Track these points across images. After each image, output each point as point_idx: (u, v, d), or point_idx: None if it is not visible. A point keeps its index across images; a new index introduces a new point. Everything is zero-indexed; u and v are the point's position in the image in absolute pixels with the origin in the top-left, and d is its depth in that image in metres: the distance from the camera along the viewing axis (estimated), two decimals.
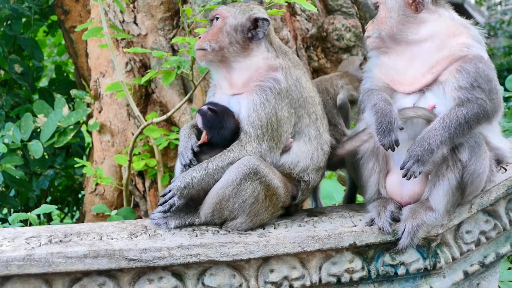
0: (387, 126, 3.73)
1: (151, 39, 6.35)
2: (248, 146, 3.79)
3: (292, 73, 3.93)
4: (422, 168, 3.73)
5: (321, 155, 4.00)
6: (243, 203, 3.73)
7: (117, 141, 6.68)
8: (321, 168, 4.04)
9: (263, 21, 3.92)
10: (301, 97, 3.92)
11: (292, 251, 3.72)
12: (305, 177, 3.96)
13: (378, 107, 3.80)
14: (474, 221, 4.06)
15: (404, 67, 3.93)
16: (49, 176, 8.05)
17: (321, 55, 6.67)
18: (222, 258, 3.62)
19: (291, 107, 3.88)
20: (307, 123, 3.96)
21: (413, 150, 3.74)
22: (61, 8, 7.80)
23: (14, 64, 7.84)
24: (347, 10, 6.71)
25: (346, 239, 3.80)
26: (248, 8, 4.00)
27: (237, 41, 3.92)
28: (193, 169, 3.80)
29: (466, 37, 3.89)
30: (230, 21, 3.94)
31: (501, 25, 20.84)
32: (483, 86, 3.77)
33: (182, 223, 3.79)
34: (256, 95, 3.83)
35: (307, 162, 3.94)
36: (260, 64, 3.93)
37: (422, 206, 3.86)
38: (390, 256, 3.89)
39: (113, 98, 6.61)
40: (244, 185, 3.70)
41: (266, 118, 3.79)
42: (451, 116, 3.76)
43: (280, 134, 3.84)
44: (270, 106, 3.80)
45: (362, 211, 4.07)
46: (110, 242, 3.55)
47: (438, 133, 3.73)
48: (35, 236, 3.59)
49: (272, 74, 3.87)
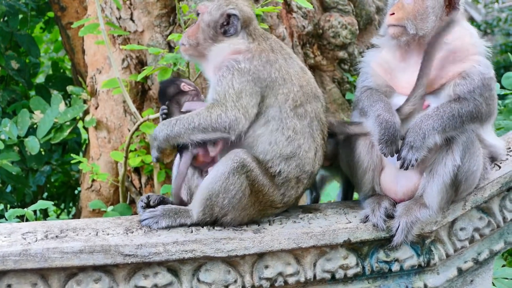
0: (390, 137, 3.74)
1: (147, 36, 6.36)
2: (213, 111, 3.80)
3: (263, 55, 3.92)
4: (417, 154, 3.73)
5: (283, 140, 3.84)
6: (232, 199, 3.73)
7: (113, 137, 6.70)
8: (290, 157, 3.86)
9: (234, 17, 3.97)
10: (269, 77, 3.87)
11: (287, 247, 3.74)
12: (273, 167, 3.85)
13: (382, 119, 3.79)
14: (468, 218, 4.08)
15: (413, 70, 3.88)
16: (46, 172, 8.05)
17: (317, 52, 6.69)
18: (217, 254, 3.63)
19: (255, 85, 3.84)
20: (270, 103, 3.87)
21: (406, 138, 3.77)
22: (57, 5, 7.81)
23: (11, 60, 7.85)
24: (343, 8, 6.74)
25: (341, 235, 3.81)
26: (224, 3, 4.04)
27: (210, 36, 4.00)
28: (162, 123, 3.92)
29: (479, 54, 3.91)
30: (205, 17, 4.03)
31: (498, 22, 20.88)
32: (482, 92, 3.81)
33: (172, 222, 3.78)
34: (215, 75, 3.91)
35: (266, 147, 3.84)
36: (226, 50, 3.96)
37: (416, 203, 3.87)
38: (384, 253, 3.91)
39: (110, 95, 6.62)
40: (232, 179, 3.71)
41: (223, 91, 3.81)
42: (445, 107, 3.79)
43: (244, 106, 3.80)
44: (227, 80, 3.82)
45: (357, 207, 4.08)
46: (106, 238, 3.56)
47: (431, 119, 3.75)
48: (31, 231, 3.60)
49: (234, 56, 3.91)
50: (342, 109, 6.68)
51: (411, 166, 3.76)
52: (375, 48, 4.17)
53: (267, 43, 4.01)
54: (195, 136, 3.83)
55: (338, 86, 6.77)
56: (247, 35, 4.00)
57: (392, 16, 3.90)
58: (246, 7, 4.08)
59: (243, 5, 4.08)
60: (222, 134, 3.82)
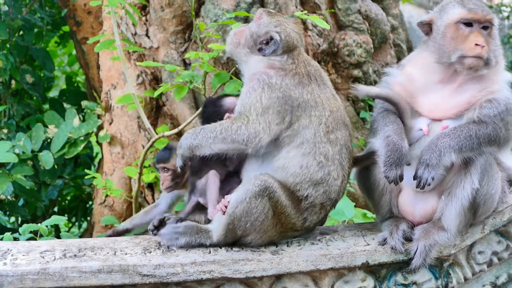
0: (395, 161, 3.71)
1: (162, 52, 6.38)
2: (235, 122, 3.82)
3: (297, 77, 3.92)
4: (433, 173, 3.72)
5: (314, 165, 3.82)
6: (255, 221, 3.75)
7: (127, 153, 6.70)
8: (319, 183, 3.84)
9: (274, 43, 3.97)
10: (301, 97, 3.86)
11: (305, 269, 3.74)
12: (301, 191, 3.84)
13: (390, 140, 3.77)
14: (486, 241, 4.06)
15: (448, 95, 3.90)
16: (58, 186, 8.05)
17: (332, 71, 6.69)
18: (235, 275, 3.63)
19: (285, 103, 3.83)
20: (305, 124, 3.84)
21: (422, 156, 3.76)
22: (73, 19, 7.85)
23: (26, 74, 7.86)
24: (358, 26, 6.73)
25: (359, 258, 3.80)
26: (275, 23, 4.03)
27: (247, 45, 4.06)
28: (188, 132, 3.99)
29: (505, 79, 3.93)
30: (253, 27, 4.07)
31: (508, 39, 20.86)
32: (504, 117, 3.81)
33: (192, 241, 3.80)
34: (246, 85, 3.94)
35: (297, 170, 3.82)
36: (260, 64, 4.00)
37: (434, 226, 3.86)
38: (402, 276, 3.89)
39: (124, 110, 6.64)
40: (254, 203, 3.72)
41: (250, 104, 3.82)
42: (462, 127, 3.79)
43: (268, 122, 3.80)
44: (256, 93, 3.83)
45: (375, 229, 4.08)
46: (124, 257, 3.57)
47: (448, 137, 3.75)
48: (49, 250, 3.61)
49: (266, 70, 3.94)
50: (356, 128, 6.67)
51: (427, 185, 3.75)
52: (395, 67, 4.16)
53: (306, 69, 3.99)
54: (215, 146, 3.84)
55: (352, 104, 6.75)
56: (287, 57, 3.99)
57: (483, 49, 3.77)
58: (293, 33, 4.06)
59: (291, 30, 4.05)
60: (239, 146, 3.82)
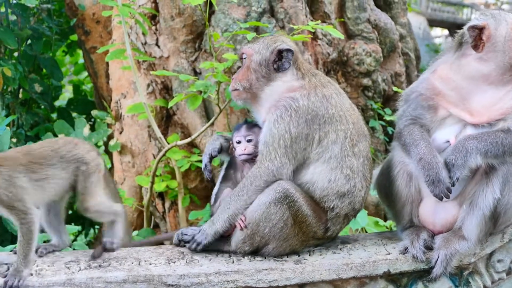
0: (435, 178, 3.72)
1: (173, 62, 6.40)
2: (261, 165, 3.84)
3: (318, 91, 3.93)
4: (458, 173, 3.73)
5: (342, 178, 3.87)
6: (273, 228, 3.76)
7: (137, 162, 6.71)
8: (345, 195, 3.90)
9: (287, 52, 4.00)
10: (327, 113, 3.89)
11: (328, 278, 3.76)
12: (327, 203, 3.88)
13: (424, 162, 3.78)
14: (506, 250, 4.10)
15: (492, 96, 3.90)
16: None
17: (342, 79, 6.72)
18: (259, 285, 3.65)
19: (313, 123, 3.85)
20: (333, 139, 3.88)
21: (447, 157, 3.78)
22: (82, 29, 7.86)
23: (34, 83, 7.87)
24: (367, 35, 6.78)
25: (381, 266, 3.83)
26: (271, 41, 4.08)
27: (262, 75, 4.01)
28: (219, 211, 3.89)
29: None
30: (254, 58, 4.04)
31: None
32: None
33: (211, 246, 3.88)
34: (271, 115, 3.90)
35: (325, 184, 3.86)
36: (281, 88, 3.98)
37: (455, 235, 3.89)
38: (423, 284, 3.92)
39: (134, 119, 6.65)
40: (273, 209, 3.75)
41: (279, 135, 3.82)
42: (490, 133, 3.80)
43: (295, 151, 3.83)
44: (284, 123, 3.83)
45: (395, 239, 4.11)
46: (148, 268, 3.59)
47: (475, 139, 3.77)
48: (74, 260, 3.63)
49: (290, 94, 3.92)
50: None
51: (451, 186, 3.75)
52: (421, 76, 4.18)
53: (317, 78, 4.03)
54: (252, 200, 3.84)
55: (362, 113, 6.77)
56: (296, 70, 4.02)
57: None
58: (291, 42, 4.13)
59: (288, 40, 4.13)
60: (272, 179, 3.83)
